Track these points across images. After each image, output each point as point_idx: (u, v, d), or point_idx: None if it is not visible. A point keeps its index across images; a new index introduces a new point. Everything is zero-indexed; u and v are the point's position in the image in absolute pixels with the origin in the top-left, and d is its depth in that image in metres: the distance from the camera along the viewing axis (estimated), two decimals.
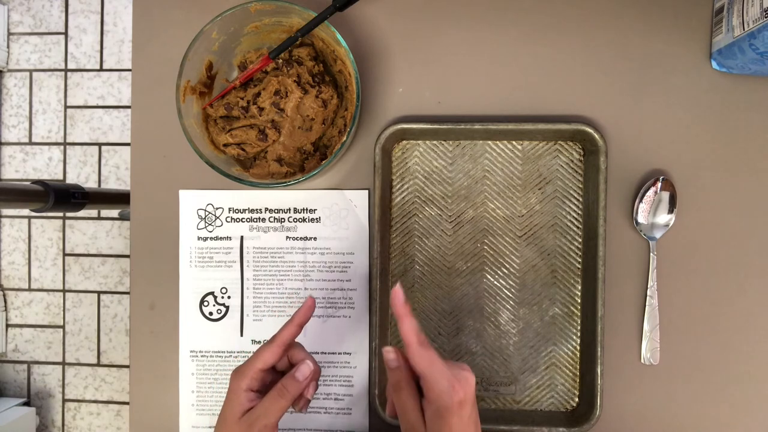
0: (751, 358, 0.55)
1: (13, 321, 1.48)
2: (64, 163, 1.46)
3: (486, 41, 0.57)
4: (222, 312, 0.59)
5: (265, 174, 0.55)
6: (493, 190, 0.57)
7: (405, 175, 0.57)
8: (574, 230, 0.56)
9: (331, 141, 0.56)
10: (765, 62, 0.48)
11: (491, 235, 0.57)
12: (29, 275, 1.47)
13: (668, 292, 0.55)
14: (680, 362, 0.55)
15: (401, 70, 0.58)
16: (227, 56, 0.55)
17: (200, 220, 0.59)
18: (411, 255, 0.57)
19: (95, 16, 1.46)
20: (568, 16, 0.56)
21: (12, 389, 1.48)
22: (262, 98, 0.54)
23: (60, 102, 1.46)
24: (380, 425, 0.57)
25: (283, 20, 0.53)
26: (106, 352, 1.46)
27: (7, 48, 1.47)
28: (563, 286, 0.56)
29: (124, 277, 1.46)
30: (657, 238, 0.55)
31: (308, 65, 0.54)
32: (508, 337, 0.56)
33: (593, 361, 0.53)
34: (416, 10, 0.58)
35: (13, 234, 1.48)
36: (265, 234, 0.58)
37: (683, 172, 0.55)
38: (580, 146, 0.56)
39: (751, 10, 0.47)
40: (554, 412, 0.56)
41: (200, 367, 0.59)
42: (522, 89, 0.57)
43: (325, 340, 0.57)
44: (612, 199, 0.55)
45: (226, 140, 0.54)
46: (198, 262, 0.59)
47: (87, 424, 1.47)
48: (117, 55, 1.45)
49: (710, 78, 0.55)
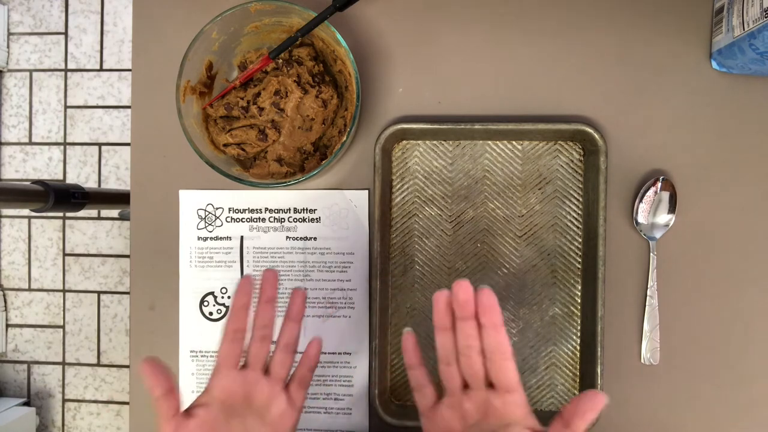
0: (751, 358, 0.55)
1: (13, 321, 1.48)
2: (64, 163, 1.46)
3: (486, 41, 0.57)
4: (222, 312, 0.59)
5: (265, 174, 0.55)
6: (493, 190, 0.57)
7: (405, 175, 0.57)
8: (574, 230, 0.56)
9: (331, 141, 0.56)
10: (765, 62, 0.48)
11: (491, 235, 0.57)
12: (29, 275, 1.47)
13: (668, 292, 0.55)
14: (680, 362, 0.55)
15: (401, 70, 0.58)
16: (227, 56, 0.55)
17: (200, 220, 0.59)
18: (411, 255, 0.57)
19: (95, 16, 1.46)
20: (568, 16, 0.56)
21: (12, 389, 1.48)
22: (262, 98, 0.54)
23: (60, 102, 1.46)
24: (380, 425, 0.57)
25: (283, 20, 0.53)
26: (106, 352, 1.46)
27: (7, 48, 1.47)
28: (563, 286, 0.56)
29: (124, 277, 1.46)
30: (657, 238, 0.55)
31: (308, 65, 0.54)
32: (508, 337, 0.56)
33: (593, 361, 0.53)
34: (416, 10, 0.58)
35: (13, 234, 1.48)
36: (265, 234, 0.58)
37: (683, 172, 0.55)
38: (580, 146, 0.56)
39: (751, 10, 0.47)
40: (554, 412, 0.56)
41: (200, 367, 0.59)
42: (522, 89, 0.57)
43: (325, 340, 0.57)
44: (612, 199, 0.55)
45: (226, 140, 0.54)
46: (198, 262, 0.59)
47: (87, 424, 1.47)
48: (117, 55, 1.45)
49: (710, 78, 0.55)
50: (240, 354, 0.43)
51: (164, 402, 0.39)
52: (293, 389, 0.45)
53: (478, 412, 0.39)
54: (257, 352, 0.43)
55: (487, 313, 0.38)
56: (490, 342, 0.38)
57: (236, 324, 0.43)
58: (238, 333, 0.43)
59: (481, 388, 0.40)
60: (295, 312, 0.46)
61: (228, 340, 0.43)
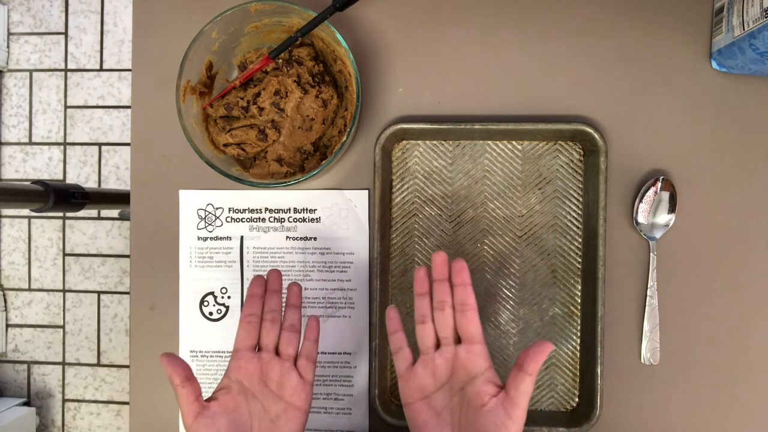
0: (750, 358, 0.55)
1: (13, 321, 1.48)
2: (64, 163, 1.46)
3: (486, 41, 0.57)
4: (222, 312, 0.59)
5: (265, 174, 0.55)
6: (493, 190, 0.57)
7: (405, 175, 0.57)
8: (574, 230, 0.56)
9: (331, 141, 0.56)
10: (765, 62, 0.48)
11: (491, 235, 0.56)
12: (29, 275, 1.47)
13: (668, 292, 0.55)
14: (680, 362, 0.55)
15: (401, 70, 0.58)
16: (227, 56, 0.55)
17: (200, 220, 0.59)
18: (411, 255, 0.57)
19: (95, 16, 1.46)
20: (568, 16, 0.56)
21: (12, 389, 1.48)
22: (262, 98, 0.54)
23: (60, 102, 1.46)
24: (380, 425, 0.57)
25: (283, 20, 0.53)
26: (106, 352, 1.46)
27: (7, 48, 1.47)
28: (563, 286, 0.56)
29: (124, 277, 1.46)
30: (657, 238, 0.55)
31: (308, 65, 0.54)
32: (508, 337, 0.56)
33: (593, 361, 0.53)
34: (417, 10, 0.58)
35: (13, 234, 1.48)
36: (265, 234, 0.58)
37: (683, 172, 0.55)
38: (580, 146, 0.56)
39: (751, 10, 0.47)
40: (554, 412, 0.56)
41: (200, 367, 0.59)
42: (522, 89, 0.57)
43: (325, 340, 0.57)
44: (612, 199, 0.55)
45: (226, 140, 0.54)
46: (198, 262, 0.59)
47: (87, 424, 1.47)
48: (117, 55, 1.45)
49: (710, 78, 0.55)
50: (255, 337, 0.48)
51: (184, 389, 0.43)
52: (302, 365, 0.48)
53: (447, 368, 0.46)
54: (268, 333, 0.48)
55: (458, 275, 0.46)
56: (459, 296, 0.46)
57: (251, 309, 0.48)
58: (252, 317, 0.48)
59: (450, 344, 0.46)
60: (293, 299, 0.50)
61: (244, 324, 0.48)
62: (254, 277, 0.50)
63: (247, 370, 0.47)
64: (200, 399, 0.44)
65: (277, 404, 0.46)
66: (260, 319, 0.49)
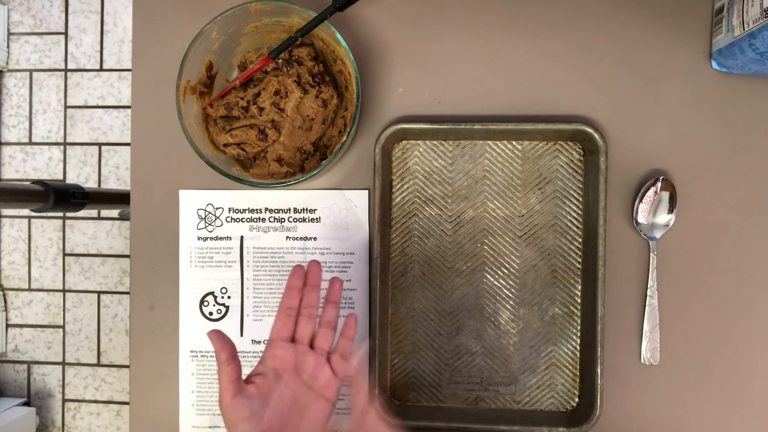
0: (750, 358, 0.55)
1: (13, 321, 1.48)
2: (64, 163, 1.46)
3: (486, 41, 0.57)
4: (222, 312, 0.59)
5: (265, 174, 0.55)
6: (493, 190, 0.57)
7: (405, 175, 0.57)
8: (574, 230, 0.56)
9: (331, 141, 0.56)
10: (765, 62, 0.48)
11: (491, 235, 0.56)
12: (29, 275, 1.47)
13: (668, 292, 0.55)
14: (680, 362, 0.55)
15: (401, 70, 0.58)
16: (227, 56, 0.55)
17: (200, 220, 0.59)
18: (411, 255, 0.57)
19: (95, 16, 1.46)
20: (568, 16, 0.56)
21: (12, 389, 1.48)
22: (262, 98, 0.54)
23: (60, 102, 1.46)
24: None
25: (283, 20, 0.53)
26: (106, 352, 1.46)
27: (7, 48, 1.47)
28: (563, 286, 0.56)
29: (124, 277, 1.46)
30: (657, 238, 0.55)
31: (308, 65, 0.54)
32: (508, 337, 0.56)
33: (593, 361, 0.53)
34: (416, 10, 0.58)
35: (13, 234, 1.48)
36: (265, 234, 0.58)
37: (683, 172, 0.55)
38: (580, 146, 0.56)
39: (751, 10, 0.47)
40: (554, 412, 0.56)
41: (200, 367, 0.59)
42: (522, 89, 0.57)
43: None
44: (612, 199, 0.55)
45: (226, 140, 0.54)
46: (198, 262, 0.59)
47: (87, 424, 1.47)
48: (117, 55, 1.45)
49: (710, 78, 0.55)
50: (292, 328, 0.50)
51: (229, 366, 0.45)
52: (335, 360, 0.50)
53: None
54: (304, 327, 0.50)
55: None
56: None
57: (289, 302, 0.50)
58: (290, 310, 0.50)
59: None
60: (333, 295, 0.52)
61: (282, 316, 0.50)
62: (295, 267, 0.52)
63: (283, 359, 0.48)
64: (240, 380, 0.46)
65: (308, 394, 0.48)
66: (297, 312, 0.50)
